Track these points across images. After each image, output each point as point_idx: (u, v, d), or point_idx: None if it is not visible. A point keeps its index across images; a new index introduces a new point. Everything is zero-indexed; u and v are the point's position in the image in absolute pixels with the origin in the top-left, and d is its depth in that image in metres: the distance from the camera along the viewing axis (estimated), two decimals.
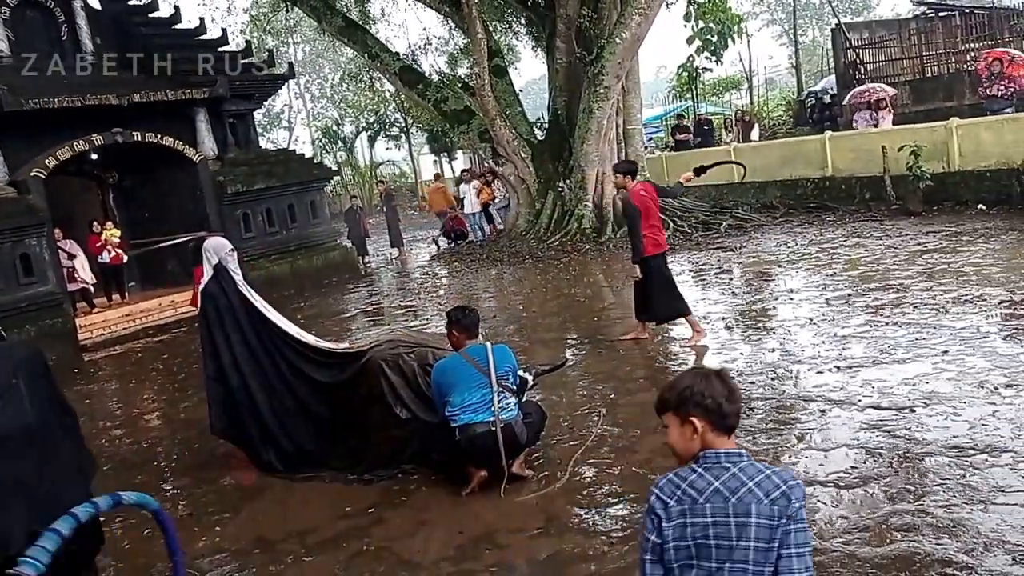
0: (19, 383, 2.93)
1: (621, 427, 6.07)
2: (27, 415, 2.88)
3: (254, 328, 6.17)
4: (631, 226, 8.08)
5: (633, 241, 8.11)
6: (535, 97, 25.68)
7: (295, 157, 18.40)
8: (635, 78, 17.39)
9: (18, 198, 13.29)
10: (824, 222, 14.39)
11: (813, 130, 20.96)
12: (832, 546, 3.99)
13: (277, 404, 6.14)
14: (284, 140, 43.03)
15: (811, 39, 47.31)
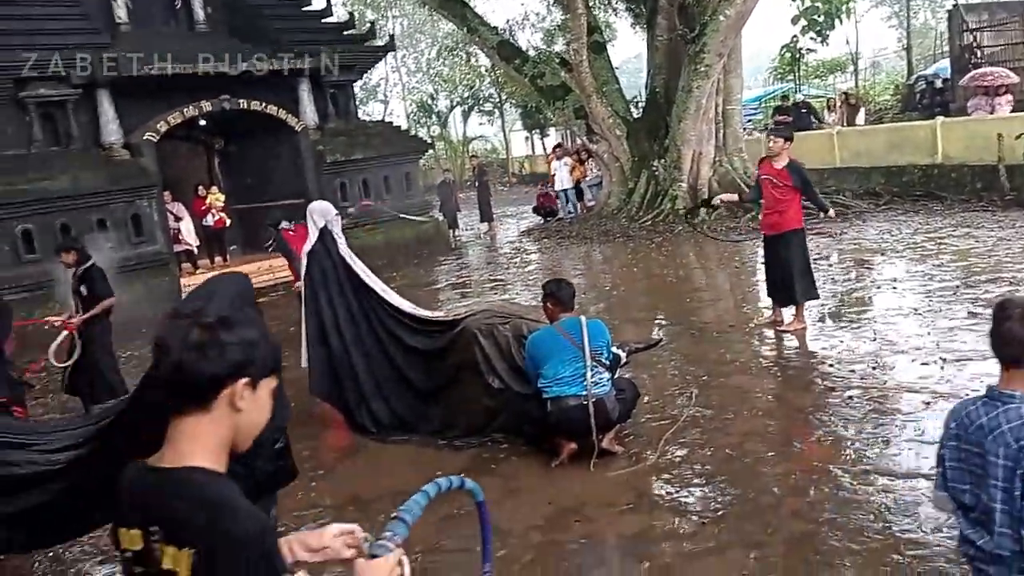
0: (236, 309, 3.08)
1: (713, 409, 6.00)
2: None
3: (355, 292, 6.32)
4: (808, 186, 7.77)
5: (815, 200, 7.96)
6: (631, 75, 25.35)
7: (392, 129, 18.67)
8: (737, 57, 16.95)
9: (132, 160, 13.87)
10: (931, 211, 13.82)
11: (922, 115, 20.09)
12: (936, 540, 3.88)
13: (374, 367, 6.28)
14: (380, 113, 43.60)
15: (922, 21, 45.30)
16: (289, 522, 4.93)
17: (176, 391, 1.55)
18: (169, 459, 1.55)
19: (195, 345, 1.51)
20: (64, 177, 12.89)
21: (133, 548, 1.56)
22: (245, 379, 1.55)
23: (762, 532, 4.18)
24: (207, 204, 15.73)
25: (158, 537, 1.51)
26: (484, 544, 2.02)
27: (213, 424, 1.56)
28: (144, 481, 1.57)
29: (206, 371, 1.52)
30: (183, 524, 1.48)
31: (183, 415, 1.55)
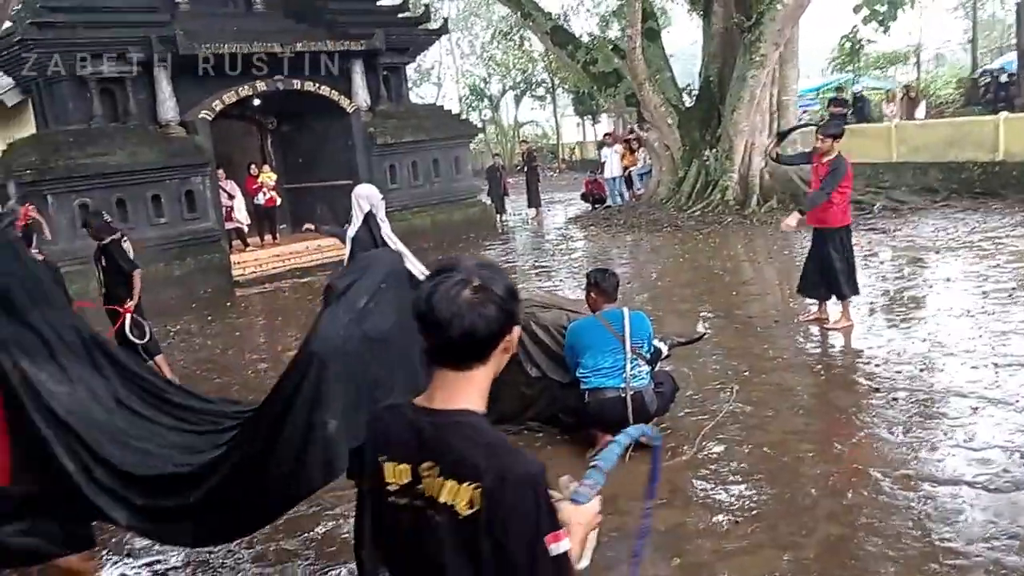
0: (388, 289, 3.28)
1: (754, 405, 5.92)
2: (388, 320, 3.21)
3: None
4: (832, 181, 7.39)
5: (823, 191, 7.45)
6: (684, 63, 24.93)
7: (443, 112, 18.69)
8: (794, 47, 16.62)
9: (187, 138, 14.12)
10: (990, 209, 13.44)
11: (985, 110, 19.53)
12: (976, 551, 3.79)
13: None
14: (432, 95, 43.74)
15: (990, 13, 43.94)
16: (325, 502, 5.00)
17: (465, 352, 1.67)
18: (442, 402, 1.69)
19: (480, 308, 1.63)
20: (122, 153, 13.18)
21: (400, 481, 1.71)
22: (516, 326, 1.71)
23: (797, 533, 4.13)
24: (259, 183, 15.96)
25: (434, 472, 1.65)
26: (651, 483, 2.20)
27: (485, 372, 1.71)
28: (417, 421, 1.71)
29: (493, 328, 1.66)
30: (465, 461, 1.61)
31: (460, 370, 1.69)
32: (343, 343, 3.16)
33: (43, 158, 12.70)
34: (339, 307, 3.30)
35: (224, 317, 11.54)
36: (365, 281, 3.35)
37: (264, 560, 4.43)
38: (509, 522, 1.57)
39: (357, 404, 3.10)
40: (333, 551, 4.43)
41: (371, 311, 3.24)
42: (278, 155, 17.78)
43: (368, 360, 3.16)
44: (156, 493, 3.34)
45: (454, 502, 1.61)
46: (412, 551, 1.71)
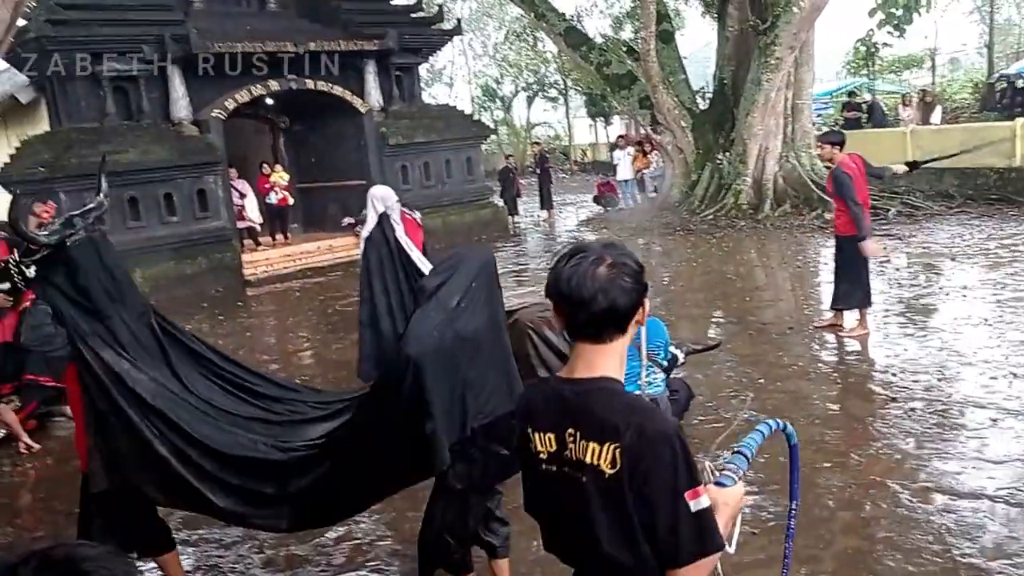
0: (479, 287, 3.32)
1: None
2: (479, 319, 3.27)
3: (408, 280, 6.32)
4: (845, 196, 7.28)
5: (853, 211, 7.26)
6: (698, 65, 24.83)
7: (455, 113, 18.66)
8: (809, 50, 16.52)
9: (199, 136, 14.14)
10: (1006, 216, 13.32)
11: (1001, 116, 19.35)
12: (997, 567, 3.72)
13: None
14: (444, 96, 43.72)
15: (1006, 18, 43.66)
16: None
17: (606, 325, 1.78)
18: (582, 371, 1.81)
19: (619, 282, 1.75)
20: (134, 151, 13.20)
21: (548, 449, 1.84)
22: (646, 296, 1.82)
23: (814, 546, 4.06)
24: (271, 182, 15.96)
25: (578, 436, 1.76)
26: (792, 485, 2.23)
27: (623, 341, 1.83)
28: (560, 391, 1.83)
29: (633, 300, 1.78)
30: (606, 423, 1.72)
31: (600, 343, 1.80)
32: (437, 345, 3.18)
33: (56, 155, 12.73)
34: (430, 307, 3.30)
35: (235, 317, 11.54)
36: (456, 280, 3.35)
37: (274, 565, 4.40)
38: (650, 477, 1.67)
39: (450, 405, 3.18)
40: (344, 558, 4.39)
41: (463, 310, 3.25)
42: (290, 155, 17.78)
43: (461, 361, 3.20)
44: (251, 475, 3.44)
45: (598, 463, 1.72)
46: (565, 514, 1.83)
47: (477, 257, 3.47)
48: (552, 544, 1.97)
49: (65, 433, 6.92)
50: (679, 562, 1.69)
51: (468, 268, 3.36)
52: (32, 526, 5.15)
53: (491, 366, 3.31)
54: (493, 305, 3.38)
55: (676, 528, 1.66)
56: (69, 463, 6.29)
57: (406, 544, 4.51)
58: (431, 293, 3.34)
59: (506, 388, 3.36)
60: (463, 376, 3.19)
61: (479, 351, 3.25)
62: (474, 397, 3.22)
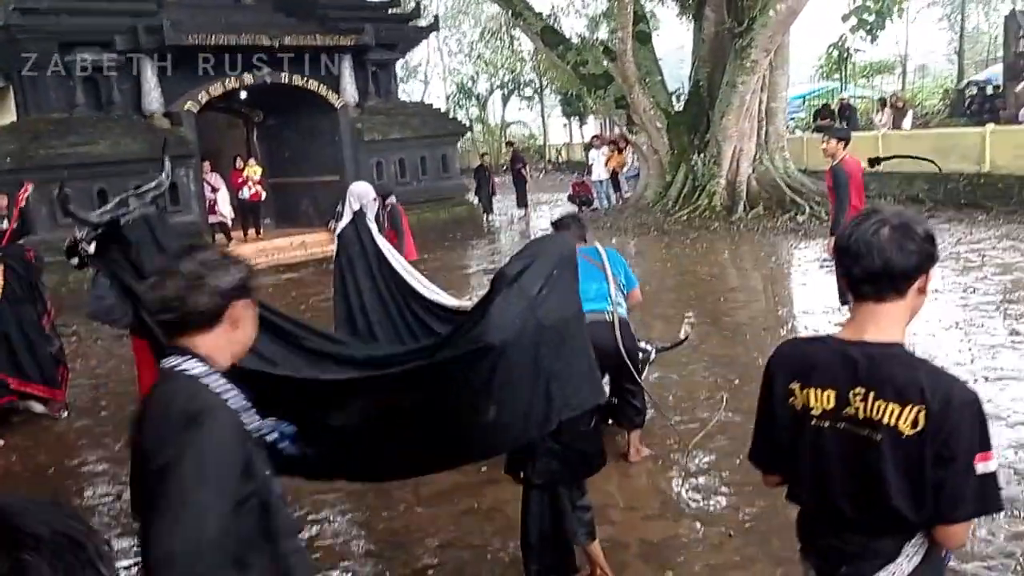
0: (561, 275, 3.21)
1: (744, 415, 5.85)
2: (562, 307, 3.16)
3: (384, 278, 6.23)
4: (839, 196, 7.37)
5: (836, 214, 7.46)
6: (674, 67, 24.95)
7: (431, 110, 18.59)
8: (785, 54, 16.65)
9: (172, 129, 13.93)
10: (975, 221, 13.50)
11: (971, 122, 19.63)
12: (972, 570, 3.74)
13: None
14: (419, 93, 43.54)
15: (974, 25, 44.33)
16: (309, 506, 4.91)
17: (882, 283, 1.89)
18: (869, 334, 1.93)
19: (898, 243, 1.85)
20: (104, 143, 13.00)
21: (824, 406, 1.96)
22: (933, 267, 1.92)
23: (791, 548, 4.01)
24: (244, 177, 15.80)
25: (871, 397, 1.88)
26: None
27: (904, 306, 1.93)
28: (846, 351, 1.94)
29: (910, 263, 1.87)
30: (908, 386, 1.84)
31: (878, 302, 1.92)
32: (519, 332, 3.02)
33: (22, 146, 12.50)
34: (512, 294, 3.12)
35: None
36: (537, 267, 3.20)
37: None
38: (950, 439, 1.80)
39: (531, 396, 3.02)
40: (318, 557, 4.33)
41: (545, 298, 3.10)
42: (264, 149, 17.61)
43: (544, 351, 3.04)
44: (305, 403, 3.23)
45: (897, 423, 1.84)
46: (841, 469, 1.96)
47: (558, 246, 3.42)
48: (800, 494, 2.14)
49: (30, 426, 6.80)
50: (956, 519, 1.87)
51: (549, 256, 3.26)
52: None
53: (576, 356, 3.18)
54: (575, 295, 3.29)
55: (963, 488, 1.82)
56: (33, 459, 6.18)
57: (380, 544, 4.46)
58: (512, 279, 3.16)
59: (592, 380, 3.28)
60: (548, 367, 3.04)
61: (564, 341, 3.11)
62: (560, 388, 3.06)
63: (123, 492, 5.40)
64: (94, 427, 6.79)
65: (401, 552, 4.34)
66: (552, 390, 3.03)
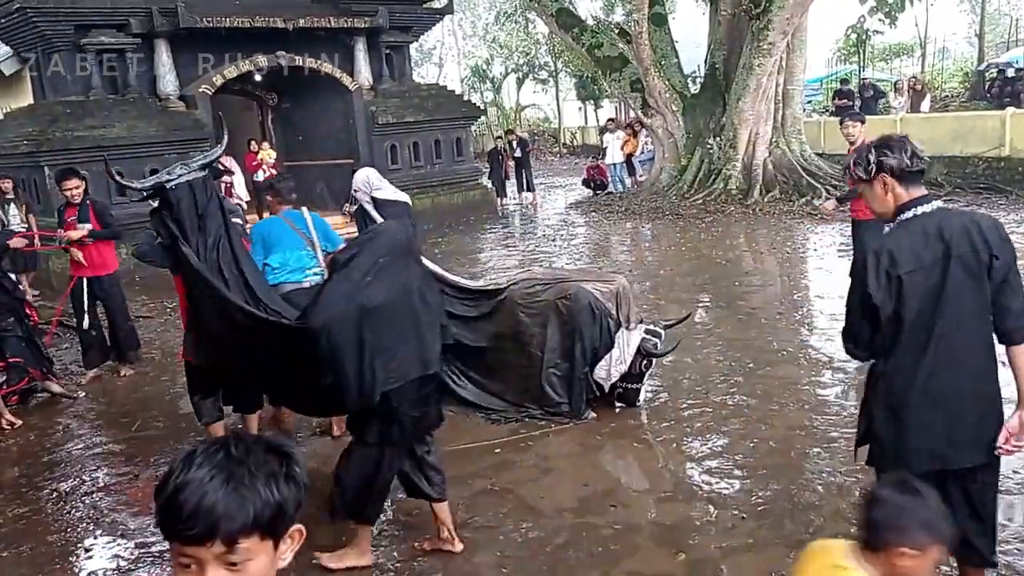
0: (389, 262, 3.62)
1: (758, 399, 5.85)
2: (386, 292, 3.54)
3: None
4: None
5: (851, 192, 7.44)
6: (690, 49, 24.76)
7: (445, 93, 18.50)
8: (802, 36, 16.45)
9: (186, 112, 13.95)
10: (995, 204, 13.36)
11: (991, 105, 19.39)
12: None
13: None
14: (433, 76, 43.43)
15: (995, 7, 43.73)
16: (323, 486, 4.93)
17: None
18: None
19: None
20: (120, 126, 13.01)
21: None
22: None
23: (804, 532, 4.05)
24: (258, 160, 15.80)
25: None
26: None
27: None
28: None
29: None
30: None
31: None
32: (343, 314, 3.49)
33: (40, 129, 12.54)
34: (338, 279, 3.64)
35: None
36: (365, 255, 3.65)
37: None
38: None
39: (352, 366, 3.48)
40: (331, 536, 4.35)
41: (370, 284, 3.53)
42: (278, 132, 17.59)
43: (367, 329, 3.47)
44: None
45: None
46: None
47: (390, 235, 3.79)
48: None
49: (48, 407, 6.86)
50: None
51: (377, 245, 3.68)
52: (14, 501, 5.07)
53: (402, 334, 3.57)
54: (405, 279, 3.64)
55: None
56: (50, 438, 6.24)
57: (394, 526, 4.48)
58: (340, 267, 3.68)
59: (418, 355, 3.64)
60: (372, 343, 3.47)
61: (388, 321, 3.53)
62: (383, 363, 3.50)
63: (141, 472, 5.44)
64: (109, 409, 6.84)
65: (415, 533, 4.36)
66: (376, 365, 3.48)
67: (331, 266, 3.84)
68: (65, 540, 4.59)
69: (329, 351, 3.49)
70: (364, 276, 3.56)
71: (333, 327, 3.46)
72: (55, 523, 4.79)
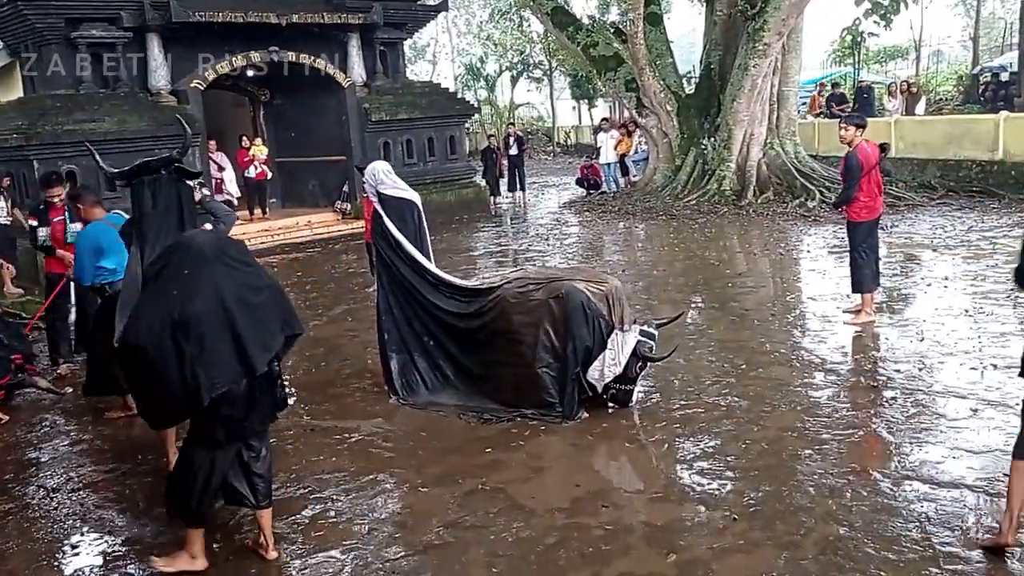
0: (194, 272, 3.64)
1: (750, 400, 5.83)
2: (198, 301, 3.56)
3: (399, 257, 6.21)
4: (849, 178, 7.47)
5: (846, 192, 7.60)
6: (685, 50, 24.80)
7: (439, 91, 18.46)
8: (798, 37, 16.44)
9: (177, 107, 13.87)
10: (987, 208, 13.38)
11: (984, 109, 19.44)
12: (977, 556, 3.71)
13: (409, 333, 6.21)
14: (427, 74, 43.35)
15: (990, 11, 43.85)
16: (313, 485, 4.90)
17: None
18: None
19: None
20: (110, 120, 12.95)
21: None
22: None
23: (795, 533, 4.04)
24: (250, 156, 15.73)
25: None
26: None
27: None
28: None
29: None
30: None
31: None
32: (157, 329, 3.56)
33: (30, 122, 12.47)
34: (148, 295, 3.77)
35: None
36: (173, 267, 3.72)
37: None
38: None
39: (176, 376, 3.53)
40: (320, 535, 4.32)
41: (177, 296, 3.59)
42: (270, 128, 17.51)
43: (181, 341, 3.52)
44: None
45: None
46: None
47: (194, 245, 3.81)
48: None
49: (38, 401, 6.80)
50: None
51: (180, 257, 3.73)
52: (1, 497, 5.03)
53: (221, 341, 3.59)
54: (217, 286, 3.64)
55: None
56: (36, 431, 6.18)
57: (383, 524, 4.45)
58: (149, 282, 3.82)
59: (239, 359, 3.64)
60: (191, 353, 3.51)
61: (205, 330, 3.55)
62: (205, 371, 3.53)
63: (129, 468, 5.39)
64: (96, 405, 6.78)
65: (405, 532, 4.33)
66: (198, 373, 3.53)
67: (143, 280, 3.98)
68: (52, 537, 4.54)
69: (150, 367, 3.59)
70: (172, 290, 3.63)
71: (150, 345, 3.56)
72: (42, 519, 4.75)
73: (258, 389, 3.81)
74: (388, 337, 6.20)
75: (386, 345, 6.22)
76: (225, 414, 3.73)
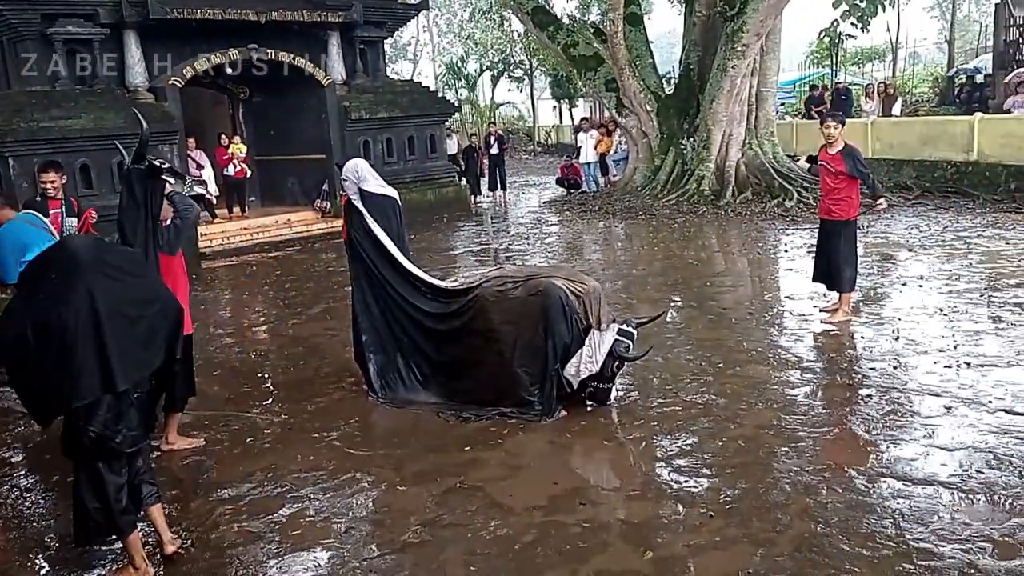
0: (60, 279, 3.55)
1: (727, 398, 5.87)
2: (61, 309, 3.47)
3: (380, 256, 6.19)
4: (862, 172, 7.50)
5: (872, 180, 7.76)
6: (665, 50, 24.92)
7: (419, 89, 18.42)
8: (776, 39, 16.56)
9: (156, 104, 13.77)
10: (962, 209, 13.53)
11: (959, 110, 19.65)
12: (950, 552, 3.75)
13: (387, 333, 6.20)
14: (408, 72, 43.28)
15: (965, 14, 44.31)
16: (291, 484, 4.88)
17: None
18: None
19: None
20: (87, 117, 12.82)
21: None
22: None
23: (770, 530, 4.07)
24: (229, 154, 15.64)
25: None
26: None
27: None
28: None
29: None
30: None
31: None
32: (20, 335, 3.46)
33: (4, 119, 12.31)
34: (18, 299, 3.68)
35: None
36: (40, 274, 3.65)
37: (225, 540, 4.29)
38: None
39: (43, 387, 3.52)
40: (298, 534, 4.30)
41: (44, 301, 3.50)
42: (249, 126, 17.41)
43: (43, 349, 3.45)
44: None
45: None
46: None
47: (67, 251, 3.73)
48: None
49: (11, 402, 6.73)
50: None
51: (53, 262, 3.66)
52: None
53: (80, 353, 3.46)
54: (85, 296, 3.51)
55: None
56: (11, 431, 6.12)
57: (362, 523, 4.44)
58: (22, 284, 3.78)
59: (101, 374, 3.51)
60: (49, 360, 3.45)
61: (66, 340, 3.44)
62: (68, 381, 3.46)
63: None
64: None
65: (383, 530, 4.32)
66: (60, 379, 3.46)
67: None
68: (24, 536, 4.50)
69: (12, 370, 3.60)
70: (40, 293, 3.55)
71: (10, 348, 3.52)
72: (14, 519, 4.70)
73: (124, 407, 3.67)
74: (367, 338, 6.19)
75: (363, 345, 6.21)
76: (91, 429, 3.60)
